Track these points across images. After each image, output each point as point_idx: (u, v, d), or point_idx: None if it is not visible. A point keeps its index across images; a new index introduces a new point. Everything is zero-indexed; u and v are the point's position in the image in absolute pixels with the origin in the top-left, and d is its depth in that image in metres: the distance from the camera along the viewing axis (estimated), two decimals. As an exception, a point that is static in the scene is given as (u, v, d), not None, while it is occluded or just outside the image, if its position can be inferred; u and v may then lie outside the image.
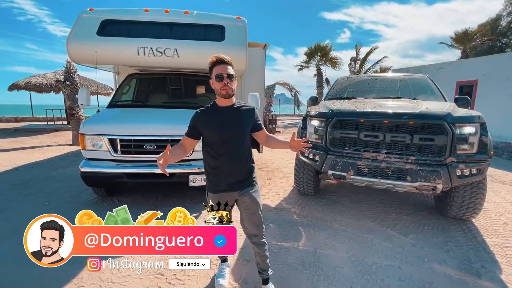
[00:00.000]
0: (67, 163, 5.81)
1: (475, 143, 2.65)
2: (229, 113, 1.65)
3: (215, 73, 1.58)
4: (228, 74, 1.57)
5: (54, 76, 11.03)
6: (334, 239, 2.70)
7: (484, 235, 2.80)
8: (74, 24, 3.72)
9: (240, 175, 1.70)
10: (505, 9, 25.55)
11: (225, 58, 1.58)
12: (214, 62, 1.59)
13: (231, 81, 1.59)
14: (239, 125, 1.65)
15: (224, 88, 1.57)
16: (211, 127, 1.64)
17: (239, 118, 1.65)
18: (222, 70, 1.57)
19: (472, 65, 9.33)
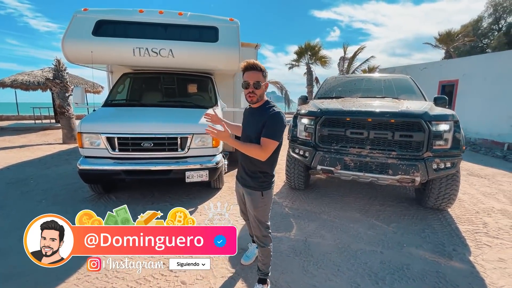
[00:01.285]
0: (59, 161, 5.81)
1: (449, 139, 2.92)
2: (252, 114, 1.77)
3: (244, 79, 1.65)
4: (254, 82, 1.61)
5: (42, 73, 10.82)
6: (323, 229, 2.92)
7: (457, 223, 3.09)
8: (69, 24, 3.77)
9: (244, 172, 1.78)
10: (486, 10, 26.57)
11: (256, 64, 1.61)
12: (245, 68, 1.63)
13: (257, 89, 1.63)
14: (252, 127, 1.73)
15: (249, 96, 1.65)
16: (242, 125, 1.89)
17: (255, 120, 1.71)
18: (249, 77, 1.62)
19: (453, 65, 9.79)
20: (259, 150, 1.61)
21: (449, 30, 19.26)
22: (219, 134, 1.63)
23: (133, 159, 3.38)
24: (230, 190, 4.12)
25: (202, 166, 3.46)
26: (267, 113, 1.63)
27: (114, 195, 3.79)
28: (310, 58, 19.63)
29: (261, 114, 1.66)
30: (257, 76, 1.61)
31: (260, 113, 1.68)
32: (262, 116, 1.65)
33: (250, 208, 1.79)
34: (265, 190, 1.75)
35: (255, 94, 1.64)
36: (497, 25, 26.02)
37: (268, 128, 1.61)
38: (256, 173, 1.74)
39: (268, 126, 1.61)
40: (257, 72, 1.62)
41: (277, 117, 1.63)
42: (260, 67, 1.62)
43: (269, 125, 1.61)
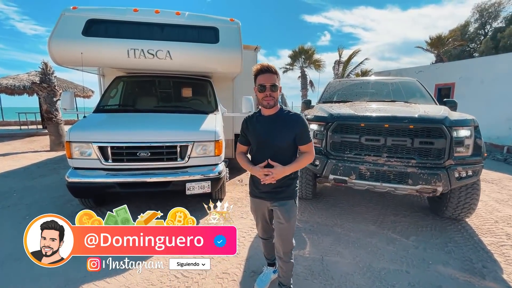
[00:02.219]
0: (46, 171, 5.41)
1: (470, 146, 2.74)
2: (269, 122, 1.63)
3: (258, 83, 1.56)
4: (271, 84, 1.54)
5: (28, 77, 10.31)
6: (339, 245, 2.68)
7: (479, 235, 2.90)
8: (56, 23, 3.46)
9: (271, 185, 1.64)
10: (473, 16, 27.33)
11: (271, 67, 1.55)
12: (259, 71, 1.56)
13: (274, 92, 1.56)
14: (276, 134, 1.60)
15: (266, 99, 1.56)
16: (252, 135, 1.68)
17: (278, 127, 1.60)
18: (266, 80, 1.54)
19: (449, 69, 9.83)
20: (311, 156, 1.64)
21: (440, 35, 19.60)
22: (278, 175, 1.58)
23: (128, 170, 3.08)
24: (233, 200, 3.86)
25: (203, 177, 3.18)
26: (295, 119, 1.61)
27: (107, 209, 3.41)
28: (304, 62, 19.62)
29: (287, 120, 1.61)
30: (273, 79, 1.55)
31: (285, 119, 1.61)
32: (289, 123, 1.60)
33: (284, 221, 1.67)
34: (296, 197, 1.72)
35: (273, 98, 1.57)
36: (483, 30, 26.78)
37: (305, 132, 1.61)
38: (288, 179, 1.66)
39: (305, 131, 1.61)
40: (272, 74, 1.56)
41: (304, 119, 1.64)
42: (275, 70, 1.58)
43: (304, 128, 1.61)
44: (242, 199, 3.94)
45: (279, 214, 1.67)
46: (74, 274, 2.21)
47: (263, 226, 1.88)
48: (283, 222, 1.67)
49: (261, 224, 1.87)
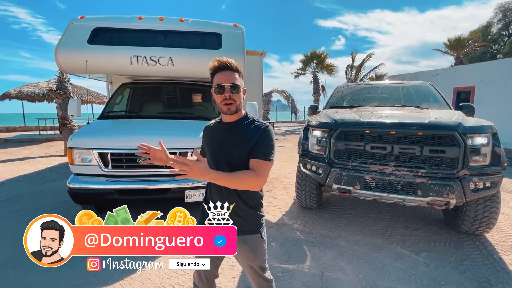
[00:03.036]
0: (57, 175, 5.56)
1: (488, 154, 2.51)
2: (226, 131, 1.29)
3: (215, 83, 1.23)
4: (231, 84, 1.21)
5: (47, 85, 10.81)
6: (342, 259, 2.51)
7: (500, 252, 2.63)
8: (64, 33, 3.56)
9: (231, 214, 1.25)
10: (495, 16, 26.19)
11: (230, 63, 1.23)
12: (216, 68, 1.23)
13: (236, 94, 1.22)
14: (235, 148, 1.25)
15: (226, 103, 1.22)
16: (206, 146, 1.38)
17: (237, 138, 1.26)
18: (224, 79, 1.21)
19: (468, 71, 9.35)
20: (255, 177, 1.17)
21: (459, 36, 18.86)
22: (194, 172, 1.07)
23: (128, 177, 3.07)
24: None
25: (203, 184, 3.11)
26: (256, 128, 1.24)
27: (108, 215, 3.46)
28: (316, 67, 19.43)
29: (246, 130, 1.25)
30: (234, 77, 1.22)
31: (244, 129, 1.26)
32: (249, 133, 1.24)
33: (249, 261, 1.34)
34: (263, 229, 1.34)
35: (234, 101, 1.22)
36: (507, 30, 25.56)
37: (264, 147, 1.21)
38: (251, 209, 1.29)
39: (263, 145, 1.22)
40: (232, 72, 1.23)
41: (271, 132, 1.26)
42: (237, 67, 1.25)
43: (264, 143, 1.22)
44: (245, 207, 3.83)
45: (241, 253, 1.29)
46: (67, 282, 2.18)
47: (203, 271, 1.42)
48: (246, 262, 1.35)
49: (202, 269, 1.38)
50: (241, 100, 1.26)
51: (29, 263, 2.29)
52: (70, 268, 2.34)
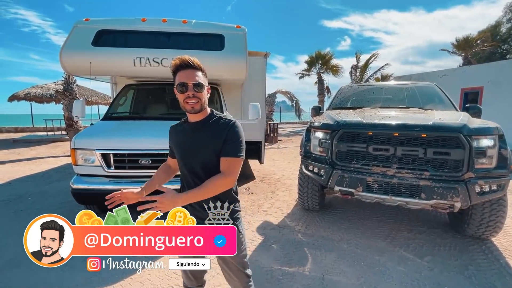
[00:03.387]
0: (62, 176, 5.64)
1: (494, 157, 2.45)
2: (194, 130, 1.29)
3: (178, 81, 1.21)
4: (194, 83, 1.19)
5: (54, 86, 11.00)
6: (343, 262, 2.48)
7: (507, 257, 2.57)
8: (69, 35, 3.61)
9: (203, 214, 1.29)
10: (505, 15, 25.68)
11: (192, 61, 1.21)
12: (177, 66, 1.21)
13: (199, 92, 1.21)
14: (203, 148, 1.26)
15: (188, 102, 1.21)
16: (174, 146, 1.36)
17: (205, 137, 1.26)
18: (186, 77, 1.19)
19: (476, 72, 9.18)
20: (223, 179, 1.20)
21: (467, 36, 18.58)
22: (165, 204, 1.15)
23: (130, 178, 3.09)
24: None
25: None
26: (224, 126, 1.25)
27: (111, 216, 3.49)
28: (321, 67, 19.32)
29: (214, 128, 1.26)
30: (197, 75, 1.21)
31: (212, 128, 1.26)
32: (216, 131, 1.25)
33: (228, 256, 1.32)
34: (239, 223, 1.35)
35: (198, 99, 1.21)
36: (517, 30, 25.00)
37: (232, 144, 1.23)
38: (224, 202, 1.29)
39: (231, 141, 1.23)
40: (194, 70, 1.21)
41: (239, 128, 1.27)
42: (199, 65, 1.23)
43: (232, 139, 1.23)
44: (247, 209, 3.82)
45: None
46: (68, 282, 2.20)
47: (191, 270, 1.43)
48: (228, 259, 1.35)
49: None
50: (205, 99, 1.26)
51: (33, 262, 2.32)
52: (72, 267, 2.36)
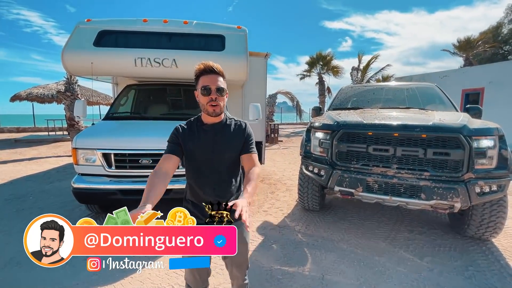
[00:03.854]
0: (63, 175, 5.66)
1: (494, 157, 2.45)
2: (214, 133, 1.37)
3: (202, 85, 1.30)
4: (217, 87, 1.29)
5: (56, 86, 11.04)
6: (343, 263, 2.48)
7: (507, 258, 2.56)
8: (71, 35, 3.64)
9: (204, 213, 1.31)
10: (506, 16, 25.62)
11: (215, 67, 1.31)
12: (201, 71, 1.31)
13: (221, 96, 1.31)
14: (225, 148, 1.36)
15: (212, 105, 1.30)
16: (191, 149, 1.37)
17: (226, 139, 1.37)
18: (210, 81, 1.29)
19: (477, 73, 9.16)
20: (259, 170, 1.37)
21: (469, 37, 18.58)
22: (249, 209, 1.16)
23: (131, 177, 3.10)
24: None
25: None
26: (241, 128, 1.43)
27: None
28: (322, 68, 19.34)
29: (235, 130, 1.41)
30: (219, 81, 1.31)
31: (233, 129, 1.41)
32: (237, 133, 1.41)
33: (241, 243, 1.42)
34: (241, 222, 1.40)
35: (219, 104, 1.31)
36: (518, 31, 24.93)
37: (251, 142, 1.43)
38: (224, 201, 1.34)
39: (250, 140, 1.43)
40: (217, 75, 1.32)
41: (249, 128, 1.47)
42: (221, 71, 1.33)
43: (250, 139, 1.43)
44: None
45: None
46: (68, 281, 2.22)
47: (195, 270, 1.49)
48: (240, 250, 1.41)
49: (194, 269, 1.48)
50: (224, 103, 1.37)
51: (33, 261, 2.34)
52: (72, 266, 2.37)
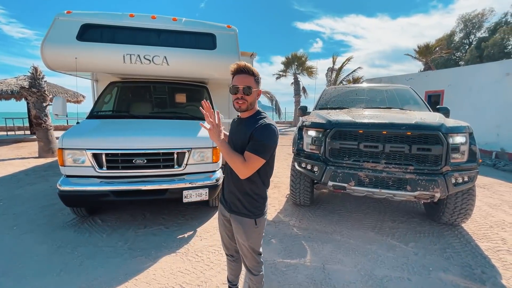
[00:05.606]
0: (34, 178, 5.23)
1: (466, 152, 2.80)
2: (239, 125, 1.53)
3: (232, 83, 1.43)
4: (244, 87, 1.39)
5: (16, 82, 10.04)
6: (339, 252, 2.66)
7: (476, 240, 2.93)
8: (49, 28, 3.39)
9: (232, 195, 1.51)
10: (458, 26, 28.39)
11: (248, 68, 1.41)
12: (235, 71, 1.43)
13: (248, 95, 1.41)
14: (237, 139, 1.48)
15: (237, 102, 1.42)
16: (229, 134, 1.62)
17: (242, 131, 1.46)
18: (239, 81, 1.40)
19: (438, 76, 10.11)
20: (241, 163, 1.36)
21: (427, 43, 20.23)
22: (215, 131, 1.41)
23: (123, 178, 3.00)
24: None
25: (201, 184, 3.12)
26: (256, 124, 1.41)
27: (100, 218, 3.35)
28: (297, 69, 19.86)
29: (250, 125, 1.43)
30: (248, 81, 1.41)
31: (249, 124, 1.44)
32: (249, 128, 1.41)
33: (241, 239, 1.53)
34: (258, 218, 1.50)
35: (245, 101, 1.42)
36: (467, 39, 27.78)
37: (254, 142, 1.36)
38: (248, 194, 1.47)
39: (254, 139, 1.37)
40: (248, 76, 1.41)
41: (266, 129, 1.38)
42: (253, 71, 1.42)
43: (255, 138, 1.36)
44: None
45: (234, 230, 1.55)
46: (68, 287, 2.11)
47: (223, 238, 1.72)
48: (240, 240, 1.54)
49: (222, 237, 1.73)
50: (252, 101, 1.45)
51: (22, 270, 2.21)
52: (68, 273, 2.27)
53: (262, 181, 1.48)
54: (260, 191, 1.49)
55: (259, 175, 1.45)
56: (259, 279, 1.63)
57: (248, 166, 1.35)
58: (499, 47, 22.38)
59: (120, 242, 2.80)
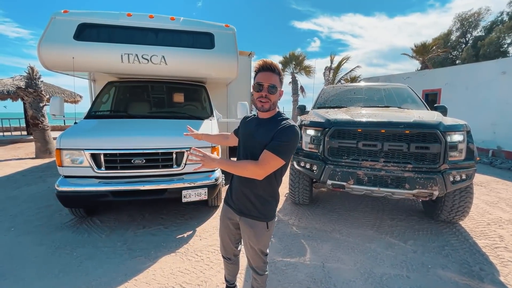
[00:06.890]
0: (31, 179, 5.19)
1: (464, 150, 2.81)
2: (257, 126, 1.43)
3: (256, 80, 1.36)
4: (269, 85, 1.33)
5: (12, 82, 9.95)
6: (339, 251, 2.67)
7: (473, 237, 2.96)
8: (46, 28, 3.35)
9: (243, 196, 1.44)
10: (454, 25, 28.54)
11: (274, 66, 1.34)
12: (260, 67, 1.35)
13: (272, 94, 1.34)
14: (258, 141, 1.37)
15: (260, 100, 1.35)
16: (241, 134, 1.57)
17: (263, 131, 1.38)
18: (264, 79, 1.33)
19: (435, 75, 10.16)
20: (254, 166, 1.29)
21: (424, 42, 20.32)
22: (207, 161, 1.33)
23: (122, 178, 2.99)
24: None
25: (200, 184, 3.12)
26: (279, 125, 1.34)
27: (99, 219, 3.34)
28: (295, 68, 19.86)
29: (272, 126, 1.36)
30: (274, 79, 1.34)
31: (271, 125, 1.37)
32: (272, 128, 1.35)
33: (252, 242, 1.49)
34: (270, 220, 1.47)
35: (269, 100, 1.35)
36: (464, 38, 27.96)
37: (276, 141, 1.29)
38: (261, 196, 1.41)
39: (276, 139, 1.29)
40: (274, 74, 1.35)
41: (291, 131, 1.31)
42: (279, 70, 1.37)
43: (278, 137, 1.29)
44: (239, 206, 3.88)
45: (244, 233, 1.51)
46: (66, 289, 2.10)
47: (223, 241, 1.67)
48: (249, 243, 1.50)
49: (222, 240, 1.67)
50: (275, 100, 1.39)
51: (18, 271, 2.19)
52: (67, 274, 2.26)
53: (277, 181, 1.44)
54: (274, 192, 1.47)
55: (275, 176, 1.40)
56: (264, 278, 1.63)
57: (264, 166, 1.28)
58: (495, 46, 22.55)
59: (119, 242, 2.79)
